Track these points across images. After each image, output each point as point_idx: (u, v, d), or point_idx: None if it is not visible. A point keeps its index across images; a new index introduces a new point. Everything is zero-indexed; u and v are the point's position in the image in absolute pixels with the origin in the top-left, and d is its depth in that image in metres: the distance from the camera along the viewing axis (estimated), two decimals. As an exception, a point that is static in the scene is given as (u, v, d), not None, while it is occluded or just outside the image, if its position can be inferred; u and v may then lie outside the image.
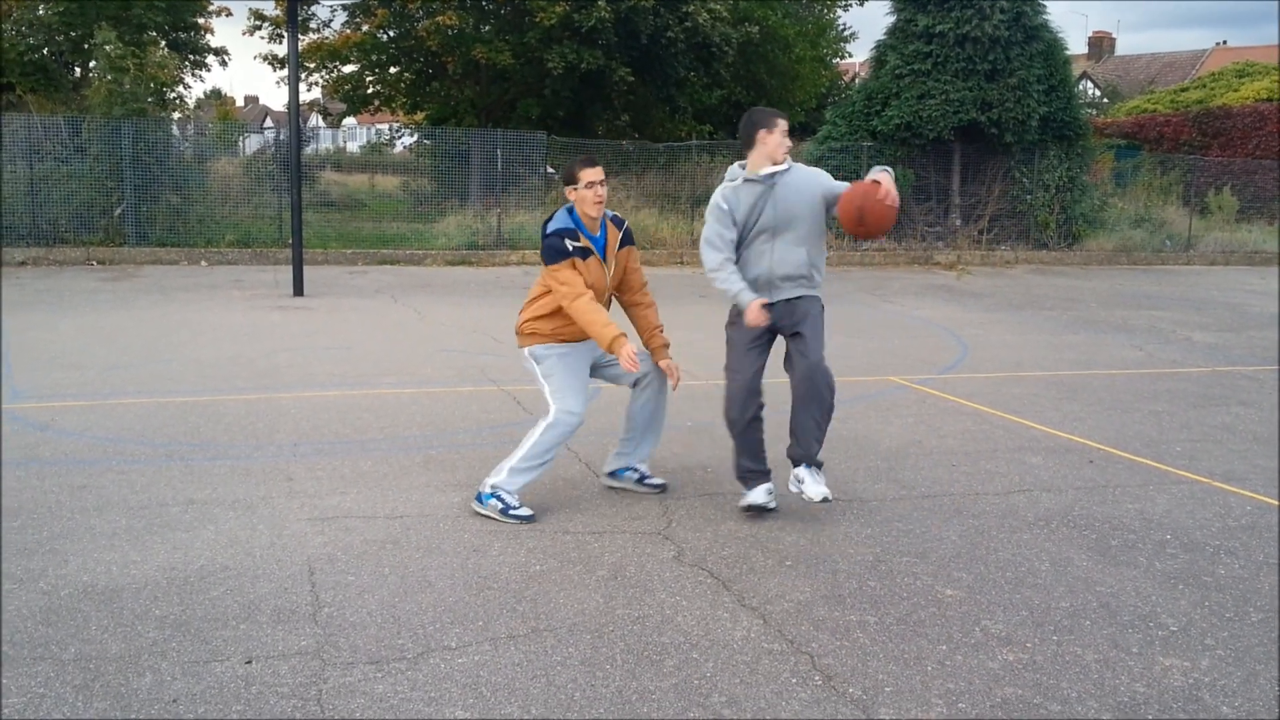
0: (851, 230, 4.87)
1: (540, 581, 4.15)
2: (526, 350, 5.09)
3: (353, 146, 57.54)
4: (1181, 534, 4.94)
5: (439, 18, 21.02)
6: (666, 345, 5.29)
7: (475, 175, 19.95)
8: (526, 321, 5.08)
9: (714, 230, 4.94)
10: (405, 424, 6.66)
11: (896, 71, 19.57)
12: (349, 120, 35.19)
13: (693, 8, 21.74)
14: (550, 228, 4.96)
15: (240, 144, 23.51)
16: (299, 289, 12.84)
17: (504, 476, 4.85)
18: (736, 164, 5.03)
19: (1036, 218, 20.36)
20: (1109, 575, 4.39)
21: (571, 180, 4.96)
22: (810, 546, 4.63)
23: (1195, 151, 26.36)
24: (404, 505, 5.04)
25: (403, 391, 7.62)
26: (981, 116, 19.26)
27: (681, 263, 17.95)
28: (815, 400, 4.99)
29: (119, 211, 16.25)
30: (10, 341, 9.23)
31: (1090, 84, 43.30)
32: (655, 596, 4.03)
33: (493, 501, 4.83)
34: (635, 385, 5.28)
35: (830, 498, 4.91)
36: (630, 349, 4.80)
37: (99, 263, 15.61)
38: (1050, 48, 19.82)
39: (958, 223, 20.41)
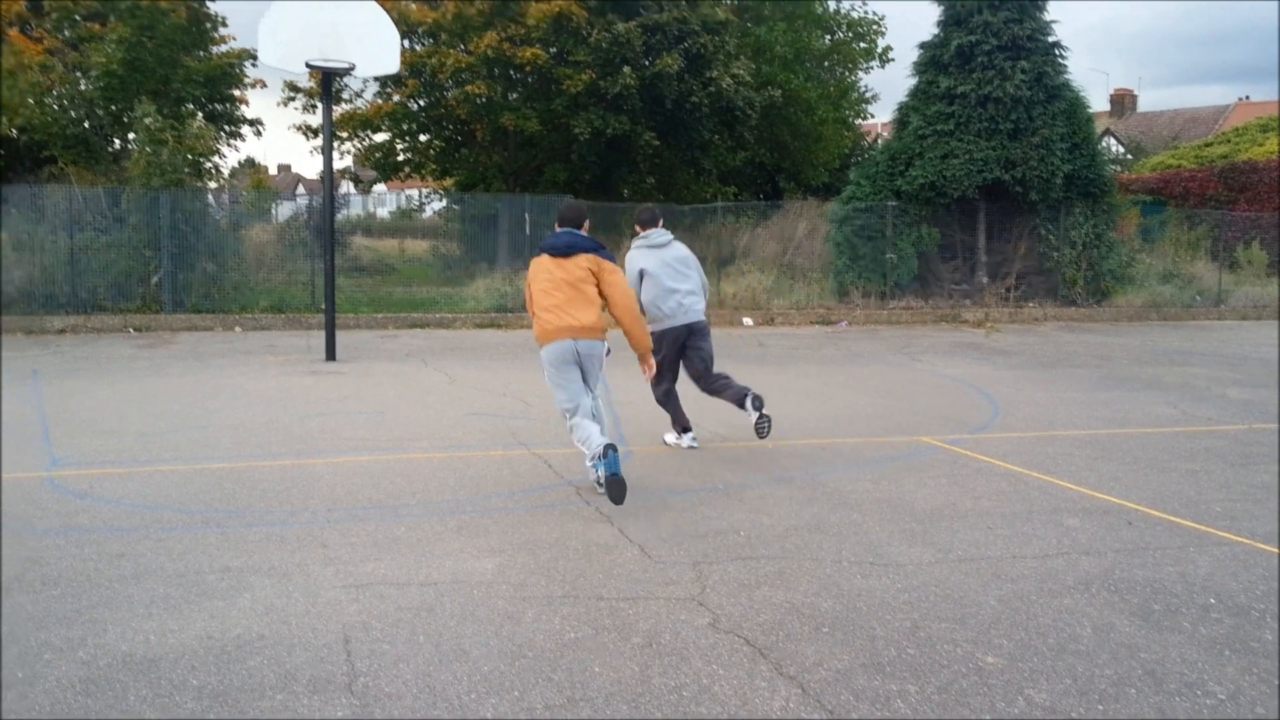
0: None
1: (575, 650, 4.13)
2: (608, 344, 6.65)
3: (382, 212, 58.26)
4: (1226, 597, 4.86)
5: (468, 87, 21.39)
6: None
7: (503, 239, 20.18)
8: (600, 320, 6.54)
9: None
10: (438, 488, 6.68)
11: (919, 132, 19.70)
12: (379, 186, 35.70)
13: (716, 73, 22.04)
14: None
15: (273, 211, 23.89)
16: (331, 354, 12.96)
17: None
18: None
19: (1064, 274, 20.32)
20: (1153, 641, 4.32)
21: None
22: (847, 612, 4.59)
23: (1222, 206, 26.28)
24: (438, 572, 5.04)
25: (434, 456, 7.65)
26: (1006, 175, 19.34)
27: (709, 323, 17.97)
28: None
29: (156, 279, 16.51)
30: (48, 409, 9.35)
31: (1114, 141, 43.37)
32: (691, 665, 4.00)
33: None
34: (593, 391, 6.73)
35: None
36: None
37: (136, 330, 15.83)
38: (1072, 106, 19.92)
39: (985, 280, 20.39)
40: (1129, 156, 40.79)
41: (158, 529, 5.70)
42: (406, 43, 22.18)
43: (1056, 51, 19.89)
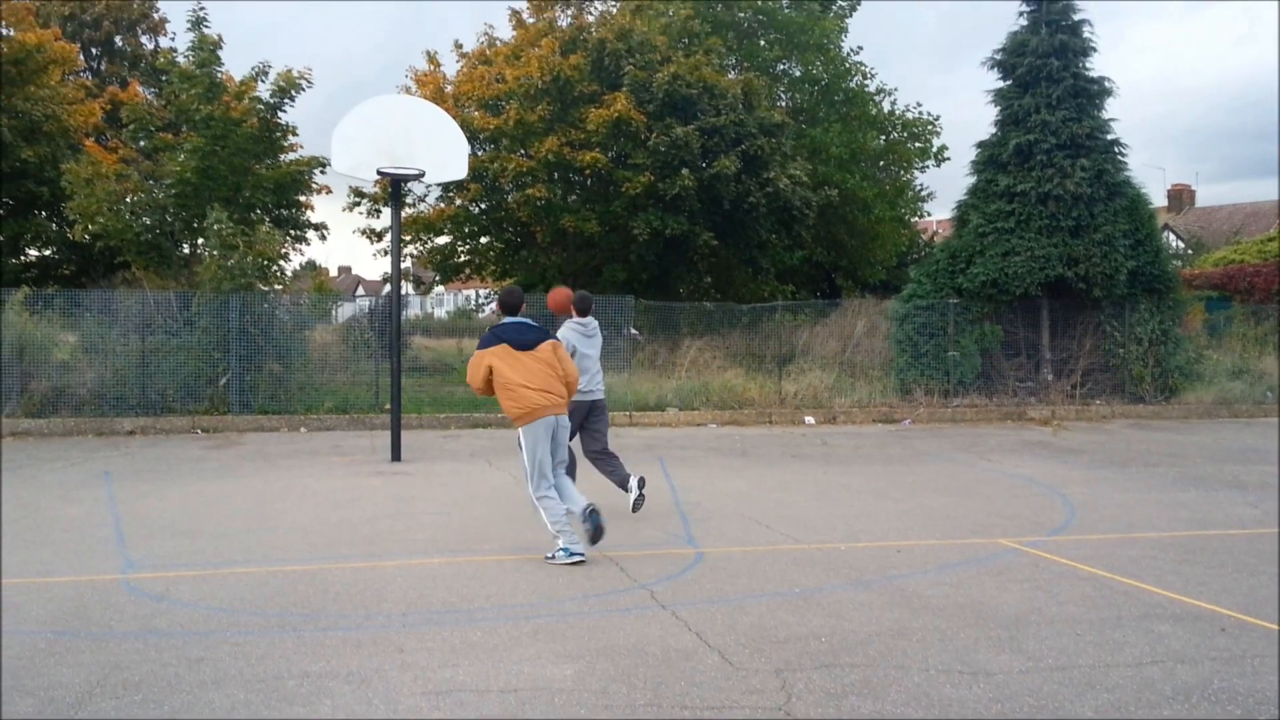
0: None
1: (663, 761, 4.03)
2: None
3: (440, 312, 59.18)
4: (1336, 710, 4.65)
5: (529, 190, 21.82)
6: None
7: (563, 339, 20.31)
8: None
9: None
10: (510, 591, 6.63)
11: (980, 229, 19.70)
12: (438, 288, 36.32)
13: (773, 174, 22.29)
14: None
15: (334, 313, 24.32)
16: (396, 454, 13.04)
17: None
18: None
19: (1131, 371, 20.02)
20: (1265, 756, 4.13)
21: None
22: (940, 723, 4.45)
23: (1288, 301, 25.82)
24: (517, 678, 4.97)
25: (505, 558, 7.61)
26: (1068, 271, 19.21)
27: (770, 422, 17.90)
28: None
29: (224, 381, 16.80)
30: (121, 510, 9.47)
31: (1173, 236, 43.08)
32: (784, 778, 3.89)
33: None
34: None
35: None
36: None
37: (204, 430, 16.07)
38: (1134, 203, 19.83)
39: (1050, 377, 20.14)
40: (1189, 251, 40.45)
41: (235, 633, 5.70)
42: (470, 148, 22.75)
43: (1116, 149, 19.88)
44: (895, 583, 6.93)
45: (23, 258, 24.88)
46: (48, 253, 25.25)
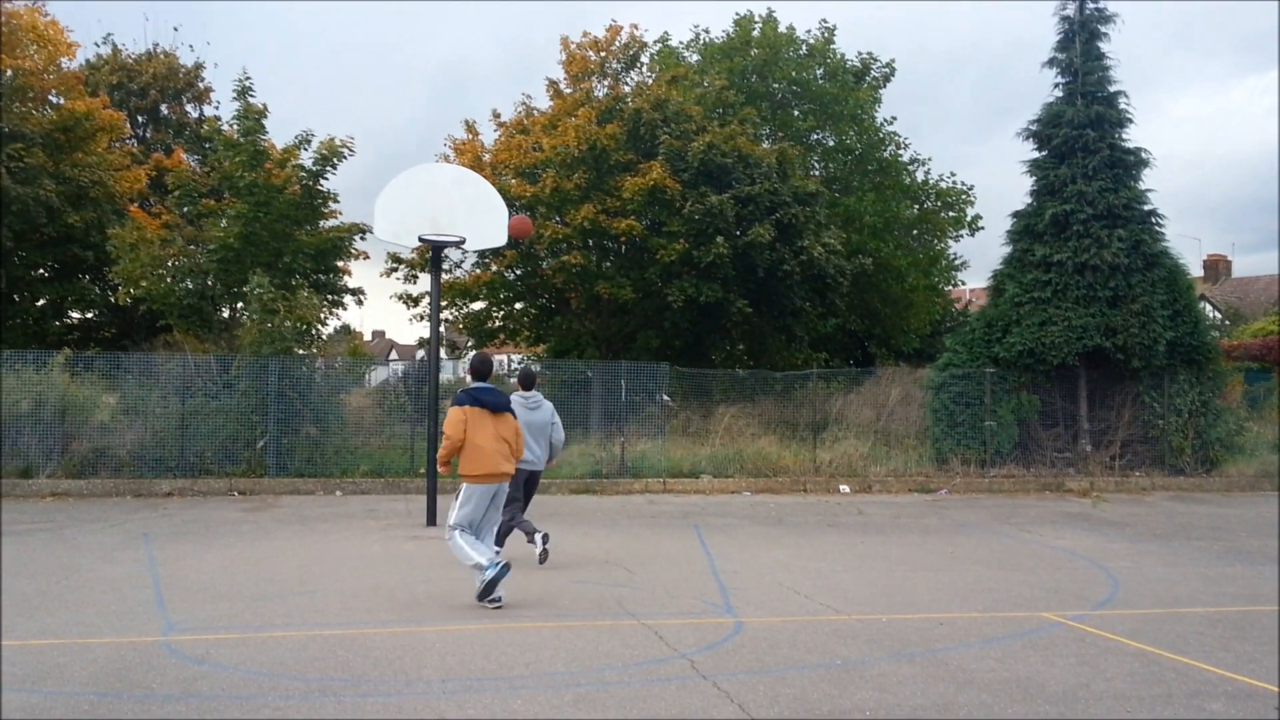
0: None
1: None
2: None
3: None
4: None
5: (564, 257, 22.00)
6: None
7: (596, 405, 20.35)
8: None
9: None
10: (549, 659, 6.58)
11: (1016, 299, 19.65)
12: (471, 353, 36.52)
13: (808, 242, 22.38)
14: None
15: (368, 377, 24.48)
16: (432, 519, 13.04)
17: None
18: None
19: (1171, 443, 19.78)
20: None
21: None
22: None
23: (1330, 373, 25.51)
24: (559, 748, 4.92)
25: (543, 625, 7.57)
26: (1106, 342, 19.10)
27: (805, 490, 17.78)
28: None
29: (262, 444, 16.93)
30: (160, 572, 9.52)
31: (1210, 306, 42.76)
32: None
33: None
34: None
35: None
36: None
37: (240, 493, 16.15)
38: (1172, 273, 19.74)
39: (1088, 448, 19.92)
40: (1227, 322, 40.12)
41: (276, 697, 5.68)
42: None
43: (1153, 219, 19.85)
44: (939, 656, 6.83)
45: (66, 320, 25.28)
46: (90, 315, 25.65)
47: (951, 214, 30.71)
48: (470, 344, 30.35)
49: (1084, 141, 19.63)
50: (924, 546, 11.83)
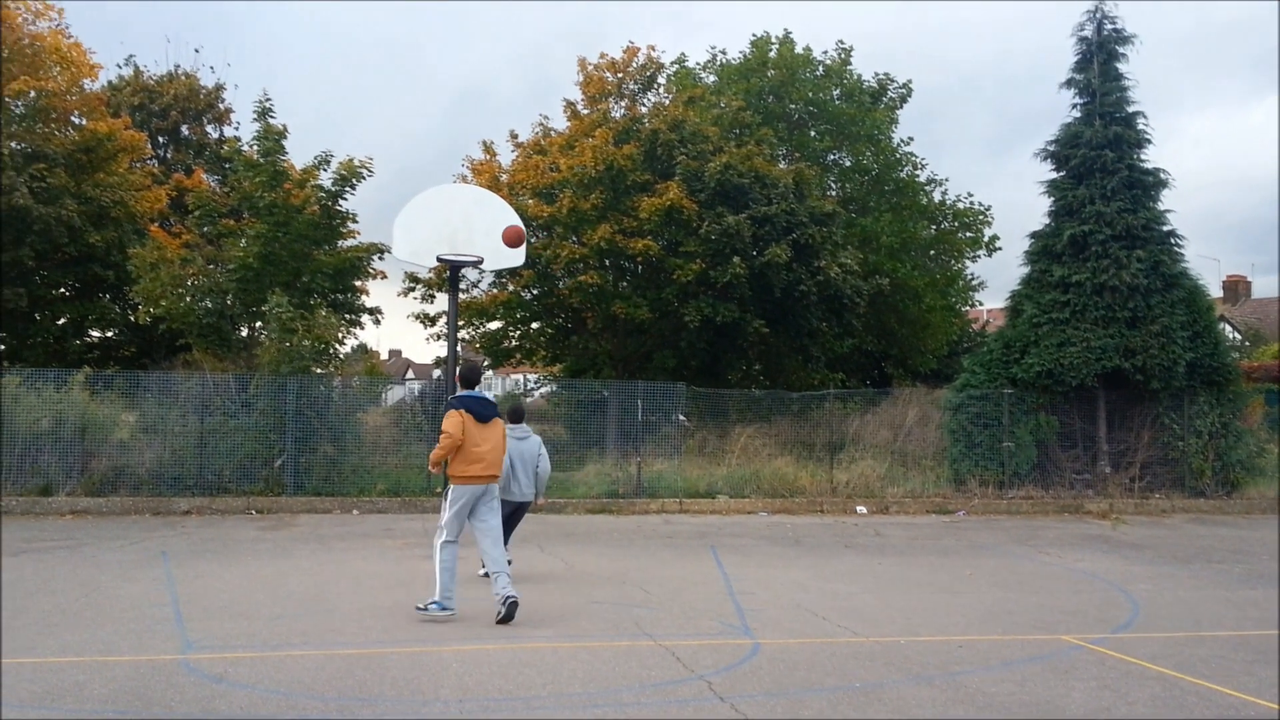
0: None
1: None
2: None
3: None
4: None
5: (581, 277, 22.05)
6: None
7: (612, 424, 20.35)
8: None
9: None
10: (567, 680, 6.57)
11: (1034, 320, 19.58)
12: (487, 372, 36.58)
13: (824, 262, 22.37)
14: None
15: (384, 396, 24.54)
16: (448, 538, 13.03)
17: None
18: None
19: (1191, 465, 19.65)
20: None
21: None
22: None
23: (1352, 395, 25.29)
24: (577, 770, 4.91)
25: (560, 645, 7.56)
26: (1125, 363, 19.00)
27: (822, 511, 17.72)
28: None
29: (280, 462, 16.98)
30: (179, 590, 9.54)
31: (1229, 327, 42.52)
32: None
33: None
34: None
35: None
36: None
37: (258, 511, 16.19)
38: (1191, 294, 19.65)
39: (1107, 470, 19.80)
40: (1246, 343, 39.89)
41: (294, 716, 5.68)
42: (524, 236, 23.06)
43: (1172, 240, 19.78)
44: (958, 679, 6.79)
45: (86, 339, 25.45)
46: (110, 334, 25.81)
47: (969, 234, 30.65)
48: (486, 363, 30.40)
49: (1102, 162, 19.59)
50: (942, 568, 11.77)
